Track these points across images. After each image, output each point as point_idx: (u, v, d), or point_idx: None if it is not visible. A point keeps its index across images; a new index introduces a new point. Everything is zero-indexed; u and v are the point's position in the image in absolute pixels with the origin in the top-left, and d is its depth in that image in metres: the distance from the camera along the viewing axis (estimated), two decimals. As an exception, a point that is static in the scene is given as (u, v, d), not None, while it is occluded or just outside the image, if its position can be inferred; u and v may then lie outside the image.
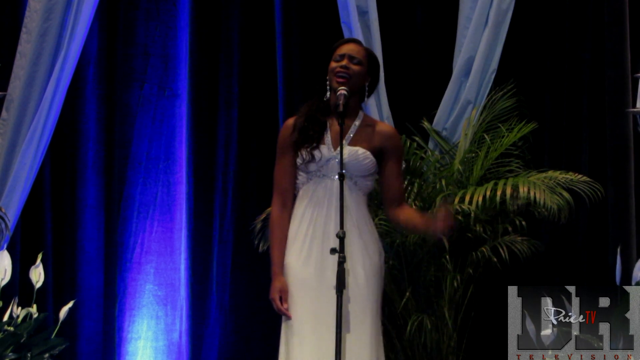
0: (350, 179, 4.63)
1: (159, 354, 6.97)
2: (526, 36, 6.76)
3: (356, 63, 4.68)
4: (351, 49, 4.70)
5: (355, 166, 4.62)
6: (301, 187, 4.66)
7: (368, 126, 4.72)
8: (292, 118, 4.76)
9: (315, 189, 4.62)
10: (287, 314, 4.56)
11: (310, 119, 4.66)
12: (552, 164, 6.49)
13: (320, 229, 4.59)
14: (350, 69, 4.66)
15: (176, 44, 7.10)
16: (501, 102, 6.50)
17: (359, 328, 4.53)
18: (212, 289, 7.00)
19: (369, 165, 4.65)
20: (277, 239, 4.64)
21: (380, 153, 4.68)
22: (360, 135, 4.69)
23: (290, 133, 4.69)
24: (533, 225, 6.32)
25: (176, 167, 7.09)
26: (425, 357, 6.16)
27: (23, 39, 6.60)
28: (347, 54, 4.68)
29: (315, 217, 4.60)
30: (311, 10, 6.96)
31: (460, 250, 6.23)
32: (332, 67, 4.67)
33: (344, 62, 4.66)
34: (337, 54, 4.69)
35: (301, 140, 4.63)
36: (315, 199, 4.62)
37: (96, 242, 7.00)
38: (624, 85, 6.44)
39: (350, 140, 4.67)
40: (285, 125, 4.75)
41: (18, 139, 6.57)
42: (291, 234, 4.64)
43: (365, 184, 4.67)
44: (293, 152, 4.66)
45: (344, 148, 4.62)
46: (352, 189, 4.63)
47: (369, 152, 4.65)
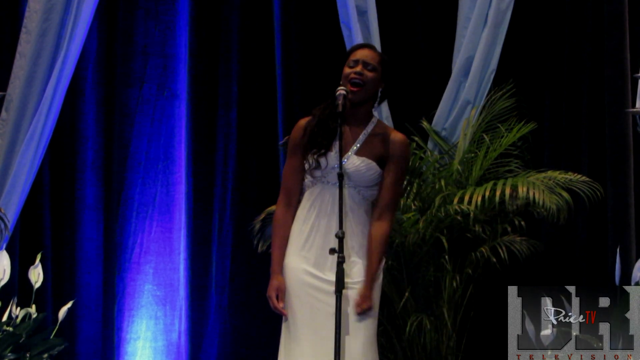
0: (354, 188, 4.62)
1: (158, 354, 6.97)
2: (525, 36, 6.76)
3: (371, 69, 4.63)
4: (365, 55, 4.66)
5: (359, 177, 4.61)
6: (307, 189, 4.66)
7: (378, 134, 4.68)
8: (304, 119, 4.73)
9: (320, 192, 4.62)
10: (282, 312, 4.56)
11: (321, 125, 4.63)
12: (551, 164, 6.49)
13: (322, 231, 4.59)
14: (364, 75, 4.62)
15: (175, 44, 7.10)
16: (500, 102, 6.49)
17: (354, 330, 4.53)
18: (211, 289, 7.00)
19: (374, 176, 4.63)
20: (279, 238, 4.64)
21: (385, 161, 4.66)
22: (368, 144, 4.65)
23: (302, 135, 4.67)
24: (532, 226, 6.32)
25: (175, 167, 7.09)
26: (424, 357, 6.16)
27: (22, 39, 6.59)
28: (361, 59, 4.64)
29: (317, 219, 4.60)
30: (310, 10, 6.96)
31: (459, 250, 6.23)
32: (346, 72, 4.63)
33: (358, 68, 4.62)
34: (351, 60, 4.65)
35: (310, 146, 4.62)
36: (319, 203, 4.61)
37: (95, 242, 7.00)
38: (624, 86, 6.44)
39: (357, 150, 4.64)
40: (297, 126, 4.73)
41: (17, 139, 6.57)
42: (293, 234, 4.64)
43: (370, 193, 4.65)
44: (303, 154, 4.65)
45: (350, 158, 4.61)
46: (354, 198, 4.62)
47: (374, 163, 4.62)
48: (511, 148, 6.38)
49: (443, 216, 6.14)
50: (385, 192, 4.64)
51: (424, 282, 6.22)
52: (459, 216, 6.12)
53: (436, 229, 6.16)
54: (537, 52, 6.77)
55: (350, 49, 4.73)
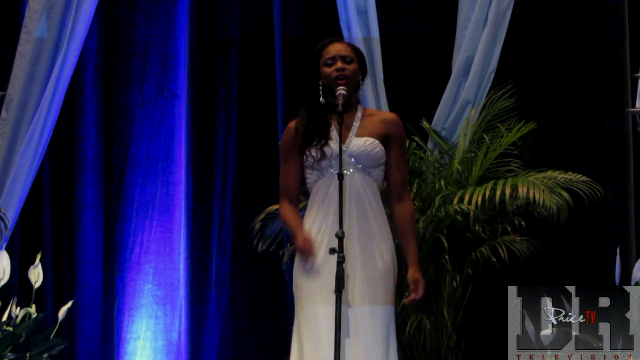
0: (364, 170, 4.63)
1: (157, 354, 6.97)
2: (525, 36, 6.76)
3: (349, 61, 4.67)
4: (340, 49, 4.69)
5: (366, 157, 4.62)
6: (313, 186, 4.66)
7: (370, 116, 4.72)
8: (293, 122, 4.75)
9: (328, 185, 4.62)
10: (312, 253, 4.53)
11: (313, 120, 4.65)
12: (551, 163, 6.49)
13: (331, 226, 4.58)
14: (346, 69, 4.65)
15: (175, 44, 7.10)
16: (500, 102, 6.49)
17: (370, 327, 4.53)
18: (211, 289, 7.00)
19: (380, 154, 4.64)
20: (292, 218, 4.65)
21: (386, 140, 4.68)
22: (365, 125, 4.68)
23: (294, 136, 4.69)
24: (532, 225, 6.32)
25: (175, 167, 7.09)
26: (424, 357, 6.16)
27: (22, 39, 6.60)
28: (337, 55, 4.66)
29: (328, 214, 4.59)
30: (310, 10, 6.96)
31: (459, 250, 6.23)
32: (327, 72, 4.65)
33: (338, 64, 4.65)
34: (326, 58, 4.67)
35: (308, 141, 4.63)
36: (329, 196, 4.60)
37: (95, 242, 7.00)
38: (623, 85, 6.45)
39: (356, 131, 4.66)
40: (287, 128, 4.74)
41: (17, 139, 6.57)
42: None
43: (378, 173, 4.66)
44: (298, 155, 4.66)
45: (353, 140, 4.63)
46: (366, 181, 4.63)
47: (377, 141, 4.64)
48: (511, 148, 6.38)
49: (443, 216, 6.14)
50: (396, 171, 4.68)
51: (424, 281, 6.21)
52: (459, 216, 6.12)
53: (436, 228, 6.17)
54: (537, 52, 6.76)
55: (320, 47, 4.72)
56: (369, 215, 4.60)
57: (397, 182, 4.70)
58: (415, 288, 4.61)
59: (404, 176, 4.73)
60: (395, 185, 4.70)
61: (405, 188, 4.74)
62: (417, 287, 4.62)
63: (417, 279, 4.63)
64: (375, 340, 4.52)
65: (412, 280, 4.63)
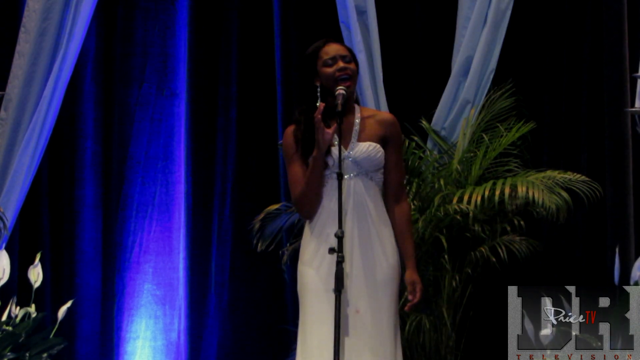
0: (366, 174, 4.63)
1: (157, 354, 6.97)
2: (525, 36, 6.76)
3: (349, 61, 4.67)
4: (338, 49, 4.68)
5: (369, 162, 4.62)
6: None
7: (369, 117, 4.71)
8: (291, 127, 4.72)
9: (333, 192, 4.60)
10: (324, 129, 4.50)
11: (312, 128, 4.58)
12: (550, 163, 6.49)
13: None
14: (348, 68, 4.65)
15: (175, 44, 7.10)
16: (500, 101, 6.49)
17: (376, 330, 4.53)
18: (210, 289, 7.00)
19: (382, 158, 4.65)
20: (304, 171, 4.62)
21: (385, 142, 4.68)
22: (365, 128, 4.67)
23: (294, 144, 4.67)
24: (532, 225, 6.32)
25: (175, 166, 7.09)
26: (423, 356, 6.16)
27: (21, 39, 6.59)
28: (337, 55, 4.66)
29: (333, 221, 4.57)
30: (310, 10, 6.96)
31: (458, 250, 6.23)
32: (329, 72, 4.63)
33: (340, 64, 4.65)
34: (325, 59, 4.65)
35: (309, 150, 4.60)
36: (334, 201, 4.58)
37: (94, 241, 7.00)
38: (623, 85, 6.45)
39: (358, 136, 4.66)
40: (286, 133, 4.72)
41: (16, 139, 6.57)
42: (305, 238, 4.65)
43: (379, 177, 4.66)
44: (302, 158, 4.65)
45: (356, 146, 4.62)
46: (369, 186, 4.64)
47: (379, 145, 4.64)
48: (510, 147, 6.38)
49: (442, 216, 6.14)
50: (394, 173, 4.68)
51: (423, 281, 6.19)
52: (459, 216, 6.12)
53: (435, 228, 6.17)
54: (536, 51, 6.77)
55: (316, 49, 4.69)
56: (373, 219, 4.59)
57: (395, 183, 4.70)
58: (413, 290, 4.62)
59: (401, 177, 4.73)
60: (393, 186, 4.69)
61: (403, 189, 4.74)
62: (415, 289, 4.62)
63: (414, 280, 4.63)
64: (383, 341, 4.53)
65: (409, 282, 4.63)
